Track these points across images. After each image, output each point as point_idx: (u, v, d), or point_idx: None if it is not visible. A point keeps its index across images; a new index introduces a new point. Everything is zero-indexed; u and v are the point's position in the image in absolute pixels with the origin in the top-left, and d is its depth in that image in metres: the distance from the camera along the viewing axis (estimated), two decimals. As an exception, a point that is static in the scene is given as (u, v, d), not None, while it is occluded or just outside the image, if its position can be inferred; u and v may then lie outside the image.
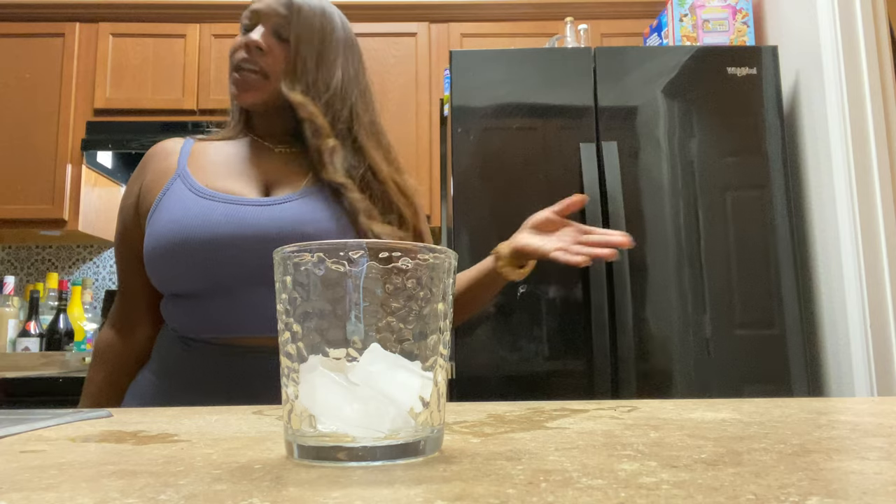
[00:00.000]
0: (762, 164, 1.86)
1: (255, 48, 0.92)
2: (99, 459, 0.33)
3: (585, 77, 1.88)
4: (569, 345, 1.75)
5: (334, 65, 0.96)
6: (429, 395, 0.33)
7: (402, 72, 2.45)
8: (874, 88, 1.79)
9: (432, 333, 0.34)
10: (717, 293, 1.79)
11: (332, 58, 0.96)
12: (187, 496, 0.25)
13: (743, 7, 2.14)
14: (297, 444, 0.32)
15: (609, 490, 0.25)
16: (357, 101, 0.97)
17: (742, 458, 0.31)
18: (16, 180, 2.35)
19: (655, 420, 0.45)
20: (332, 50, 0.96)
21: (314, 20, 0.95)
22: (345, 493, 0.25)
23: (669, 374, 1.77)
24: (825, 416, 0.46)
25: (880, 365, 1.70)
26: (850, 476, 0.28)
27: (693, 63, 1.89)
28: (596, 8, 2.50)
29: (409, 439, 0.32)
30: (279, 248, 0.34)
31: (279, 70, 0.92)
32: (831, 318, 1.86)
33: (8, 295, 2.42)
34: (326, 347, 0.32)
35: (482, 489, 0.26)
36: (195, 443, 0.38)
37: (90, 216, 2.42)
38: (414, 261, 0.33)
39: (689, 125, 1.87)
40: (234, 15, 2.46)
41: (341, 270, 0.32)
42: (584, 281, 1.76)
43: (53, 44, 2.45)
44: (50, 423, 0.46)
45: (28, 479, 0.29)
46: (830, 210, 1.85)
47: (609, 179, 1.79)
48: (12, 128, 2.38)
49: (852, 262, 1.76)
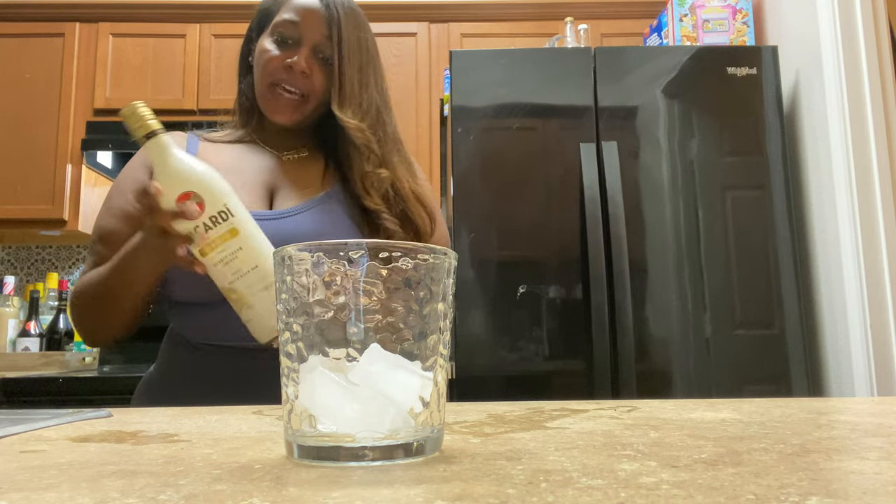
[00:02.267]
0: (762, 164, 1.86)
1: (299, 73, 0.90)
2: (99, 459, 0.33)
3: (585, 77, 1.88)
4: (569, 345, 1.75)
5: (370, 80, 0.94)
6: (429, 395, 0.33)
7: (401, 72, 2.45)
8: (874, 88, 1.79)
9: (432, 333, 0.34)
10: (717, 293, 1.79)
11: (370, 73, 0.94)
12: (187, 496, 0.25)
13: (743, 7, 2.14)
14: (297, 444, 0.32)
15: (609, 490, 0.25)
16: (388, 114, 0.96)
17: (742, 458, 0.31)
18: (16, 180, 2.35)
19: (655, 420, 0.45)
20: (370, 64, 0.94)
21: (353, 35, 0.92)
22: (345, 493, 0.25)
23: (669, 374, 1.76)
24: (825, 416, 0.46)
25: (880, 365, 1.70)
26: (850, 476, 0.28)
27: (693, 63, 1.89)
28: (596, 8, 2.50)
29: (409, 439, 0.32)
30: (279, 248, 0.34)
31: (319, 92, 0.91)
32: (831, 318, 1.86)
33: (8, 295, 2.42)
34: (326, 347, 0.32)
35: (482, 489, 0.26)
36: (195, 443, 0.38)
37: (90, 216, 2.42)
38: (414, 261, 0.33)
39: (689, 125, 1.87)
40: (234, 15, 2.46)
41: (341, 270, 0.32)
42: (584, 281, 1.76)
43: (53, 44, 2.45)
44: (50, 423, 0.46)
45: (28, 479, 0.29)
46: (830, 210, 1.85)
47: (609, 179, 1.79)
48: (12, 128, 2.38)
49: (852, 262, 1.76)
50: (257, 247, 0.72)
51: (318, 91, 0.92)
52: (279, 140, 0.98)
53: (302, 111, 0.92)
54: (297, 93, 0.91)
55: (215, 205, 0.71)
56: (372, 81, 0.94)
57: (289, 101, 0.91)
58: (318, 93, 0.92)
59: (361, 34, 0.94)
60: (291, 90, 0.91)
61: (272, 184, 0.93)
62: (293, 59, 0.90)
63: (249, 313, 0.73)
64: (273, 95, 0.91)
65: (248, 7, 2.36)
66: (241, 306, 0.73)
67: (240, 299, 0.73)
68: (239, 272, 0.72)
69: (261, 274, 0.72)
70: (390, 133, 0.95)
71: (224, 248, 0.71)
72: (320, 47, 0.91)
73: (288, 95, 0.91)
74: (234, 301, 0.73)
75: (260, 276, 0.72)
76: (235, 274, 0.71)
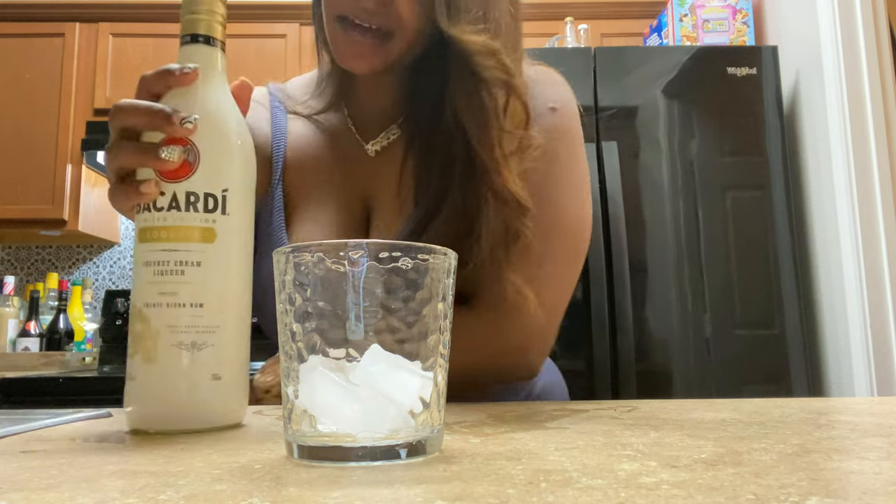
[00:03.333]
0: (762, 164, 1.86)
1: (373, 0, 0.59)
2: (99, 459, 0.33)
3: (585, 77, 1.88)
4: (569, 345, 1.75)
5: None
6: (429, 396, 0.33)
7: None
8: (874, 88, 1.79)
9: (432, 333, 0.34)
10: (717, 293, 1.79)
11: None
12: (187, 496, 0.25)
13: (743, 7, 2.14)
14: (297, 444, 0.32)
15: (609, 490, 0.25)
16: (519, 35, 0.66)
17: (742, 458, 0.31)
18: (16, 180, 2.35)
19: (655, 420, 0.45)
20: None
21: None
22: (345, 493, 0.25)
23: (669, 374, 1.76)
24: (825, 416, 0.46)
25: (880, 365, 1.70)
26: (850, 476, 0.28)
27: (693, 63, 1.89)
28: (596, 8, 2.50)
29: (409, 439, 0.32)
30: (279, 248, 0.34)
31: (409, 22, 0.61)
32: (831, 318, 1.86)
33: (8, 295, 2.42)
34: (326, 347, 0.32)
35: (482, 489, 0.26)
36: (195, 443, 0.38)
37: (90, 216, 2.42)
38: (414, 261, 0.33)
39: (689, 125, 1.87)
40: (234, 15, 2.46)
41: (341, 270, 0.32)
42: (584, 281, 1.76)
43: (53, 44, 2.45)
44: (50, 423, 0.46)
45: (28, 479, 0.29)
46: (830, 210, 1.85)
47: (609, 179, 1.79)
48: (12, 128, 2.38)
49: (852, 262, 1.76)
50: (224, 279, 0.44)
51: (406, 22, 0.61)
52: (370, 114, 0.70)
53: (384, 56, 0.62)
54: (374, 28, 0.61)
55: (214, 177, 0.45)
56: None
57: (361, 42, 0.61)
58: (409, 24, 0.61)
59: None
60: (367, 25, 0.61)
61: (365, 190, 0.68)
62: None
63: (143, 373, 0.43)
64: (340, 34, 0.62)
65: (248, 7, 2.36)
66: (140, 353, 0.43)
67: (143, 340, 0.43)
68: (171, 297, 0.43)
69: (204, 319, 0.43)
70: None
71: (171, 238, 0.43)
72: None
73: (362, 36, 0.61)
74: (137, 339, 0.43)
75: (197, 321, 0.43)
76: (164, 296, 0.43)
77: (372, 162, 0.69)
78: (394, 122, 0.70)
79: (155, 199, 0.44)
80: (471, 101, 0.59)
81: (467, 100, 0.59)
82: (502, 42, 0.59)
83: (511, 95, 0.60)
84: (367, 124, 0.70)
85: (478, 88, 0.58)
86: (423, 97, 0.66)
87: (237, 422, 0.45)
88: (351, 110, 0.72)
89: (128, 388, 0.43)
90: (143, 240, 0.44)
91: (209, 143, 0.45)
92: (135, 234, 0.45)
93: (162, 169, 0.44)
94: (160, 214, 0.43)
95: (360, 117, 0.71)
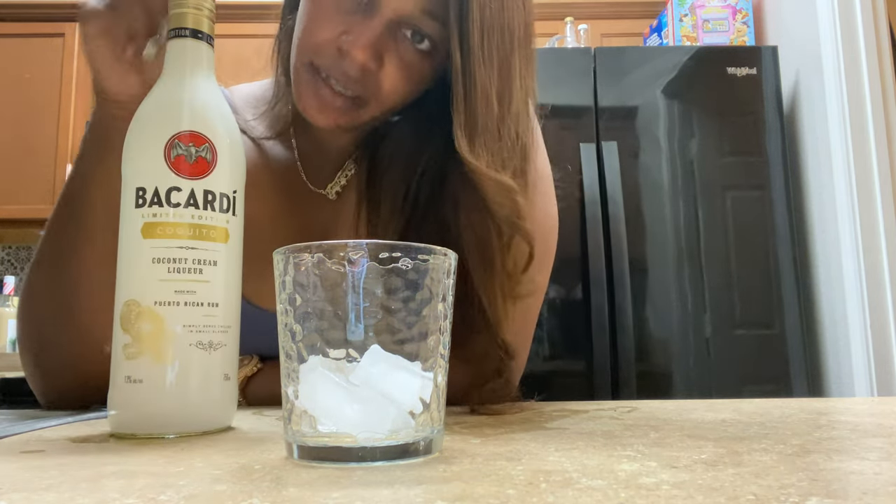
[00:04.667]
0: (762, 164, 1.86)
1: (355, 65, 0.53)
2: (99, 459, 0.33)
3: (585, 77, 1.88)
4: (569, 345, 1.75)
5: (515, 88, 0.55)
6: (429, 396, 0.33)
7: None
8: (874, 88, 1.79)
9: (432, 334, 0.34)
10: (717, 293, 1.79)
11: (515, 74, 0.55)
12: (187, 496, 0.25)
13: (743, 7, 2.14)
14: (297, 444, 0.32)
15: (609, 490, 0.25)
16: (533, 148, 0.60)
17: (742, 459, 0.31)
18: (16, 180, 2.35)
19: (655, 420, 0.45)
20: (515, 54, 0.55)
21: (492, 4, 0.51)
22: (345, 493, 0.25)
23: (669, 375, 1.77)
24: (825, 417, 0.46)
25: (880, 365, 1.70)
26: (850, 476, 0.28)
27: (693, 63, 1.89)
28: (596, 8, 2.50)
29: (409, 440, 0.32)
30: (279, 248, 0.34)
31: (390, 96, 0.55)
32: (831, 318, 1.86)
33: (8, 295, 2.42)
34: (326, 348, 0.32)
35: (482, 489, 0.26)
36: (195, 443, 0.38)
37: (90, 216, 2.42)
38: (414, 261, 0.33)
39: (689, 125, 1.87)
40: (232, 15, 2.46)
41: (341, 271, 0.32)
42: (584, 281, 1.76)
43: (53, 44, 2.45)
44: (50, 423, 0.46)
45: (28, 479, 0.29)
46: (830, 210, 1.85)
47: (609, 179, 1.79)
48: (12, 128, 2.38)
49: (852, 262, 1.76)
50: (235, 280, 0.44)
51: (386, 97, 0.55)
52: (324, 156, 0.64)
53: (351, 118, 0.56)
54: (349, 95, 0.55)
55: (228, 177, 0.43)
56: (517, 88, 0.55)
57: (330, 99, 0.55)
58: (388, 99, 0.55)
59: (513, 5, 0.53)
60: (341, 91, 0.55)
61: (326, 238, 0.60)
62: (348, 36, 0.53)
63: (154, 375, 0.40)
64: (308, 83, 0.55)
65: (246, 7, 2.36)
66: (147, 353, 0.40)
67: (154, 341, 0.40)
68: (189, 296, 0.41)
69: (219, 319, 0.42)
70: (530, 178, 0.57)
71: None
72: (413, 19, 0.53)
73: (330, 93, 0.55)
74: (143, 339, 0.40)
75: (213, 321, 0.42)
76: (181, 295, 0.41)
77: (329, 207, 0.64)
78: (349, 158, 0.65)
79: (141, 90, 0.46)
80: (476, 233, 0.54)
81: (471, 232, 0.55)
82: (513, 170, 0.53)
83: (518, 230, 0.54)
84: (320, 162, 0.65)
85: (483, 219, 0.54)
86: (392, 149, 0.61)
87: (230, 423, 0.45)
88: (301, 144, 0.65)
89: (126, 393, 0.41)
90: (151, 235, 0.41)
91: (225, 143, 0.43)
92: (129, 228, 0.42)
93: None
94: (175, 210, 0.41)
95: (310, 152, 0.65)
